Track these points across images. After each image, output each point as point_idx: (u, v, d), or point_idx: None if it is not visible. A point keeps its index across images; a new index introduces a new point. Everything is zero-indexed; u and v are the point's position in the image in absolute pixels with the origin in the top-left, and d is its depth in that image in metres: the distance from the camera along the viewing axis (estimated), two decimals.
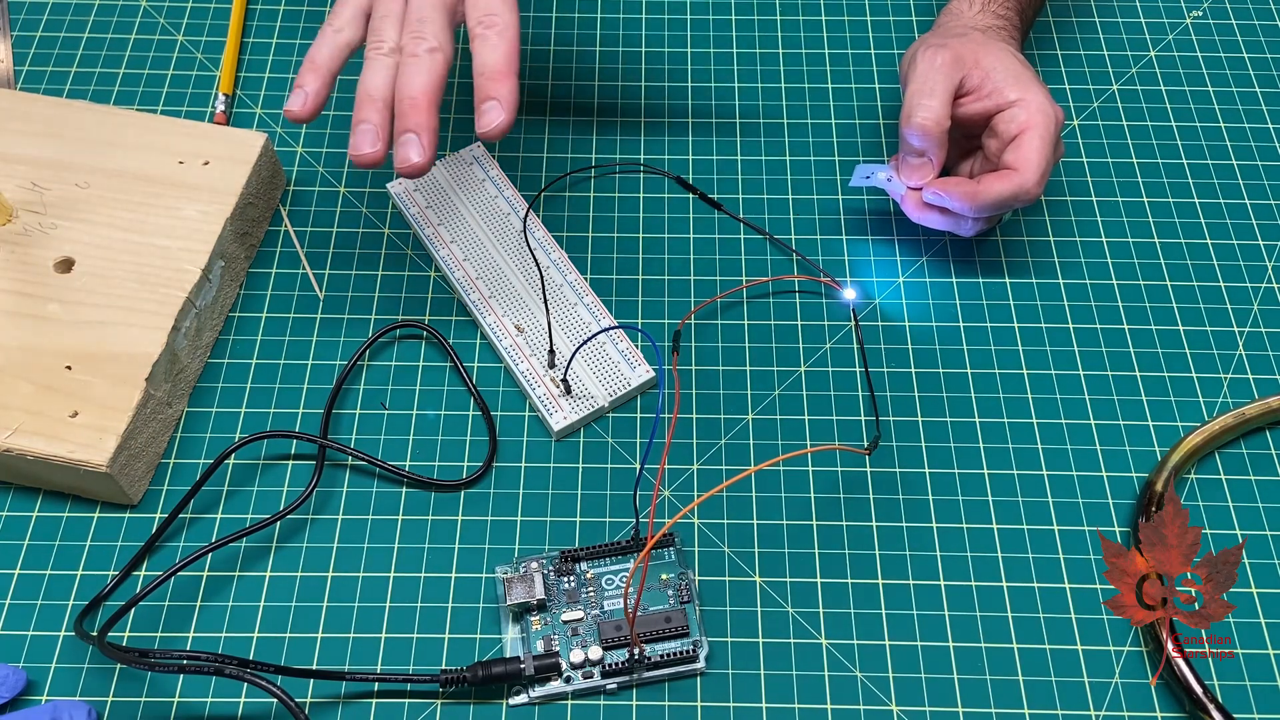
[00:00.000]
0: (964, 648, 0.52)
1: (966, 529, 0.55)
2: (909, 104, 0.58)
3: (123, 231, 0.58)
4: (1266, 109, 0.69)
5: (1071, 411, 0.58)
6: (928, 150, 0.58)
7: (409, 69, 0.52)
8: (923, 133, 0.57)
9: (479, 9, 0.53)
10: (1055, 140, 0.57)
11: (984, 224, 0.60)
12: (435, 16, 0.53)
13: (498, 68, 0.51)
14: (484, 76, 0.51)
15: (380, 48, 0.53)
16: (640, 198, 0.65)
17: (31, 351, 0.55)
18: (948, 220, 0.59)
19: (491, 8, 0.53)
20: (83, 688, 0.51)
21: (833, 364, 0.59)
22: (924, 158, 0.58)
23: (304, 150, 0.67)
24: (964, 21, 0.62)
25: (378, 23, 0.54)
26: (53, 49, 0.70)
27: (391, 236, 0.64)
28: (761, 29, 0.72)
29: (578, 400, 0.57)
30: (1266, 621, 0.52)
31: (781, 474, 0.56)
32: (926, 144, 0.57)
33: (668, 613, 0.51)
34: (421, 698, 0.51)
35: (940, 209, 0.59)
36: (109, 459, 0.52)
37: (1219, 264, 0.63)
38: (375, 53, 0.53)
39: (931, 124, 0.57)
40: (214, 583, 0.53)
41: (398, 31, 0.53)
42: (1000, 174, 0.56)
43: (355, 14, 0.54)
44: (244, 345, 0.60)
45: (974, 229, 0.59)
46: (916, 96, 0.57)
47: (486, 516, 0.55)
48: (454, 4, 0.54)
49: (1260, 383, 0.59)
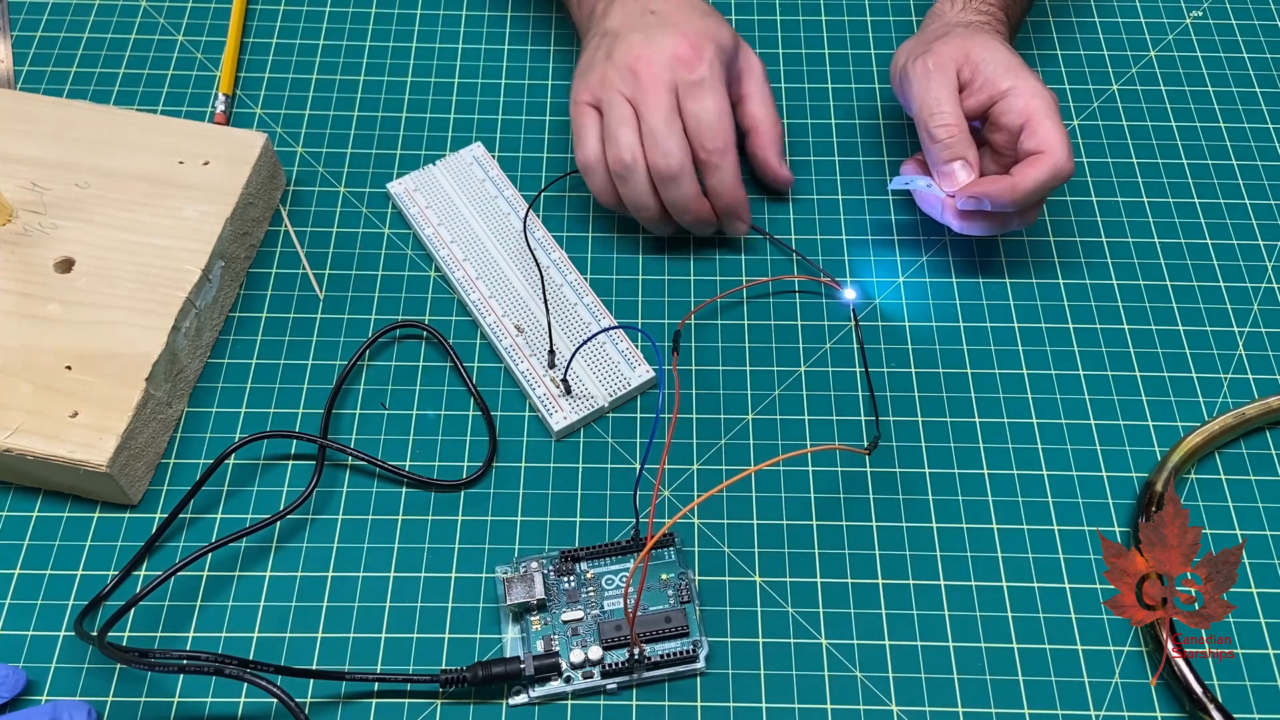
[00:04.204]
0: (964, 648, 0.52)
1: (966, 529, 0.55)
2: (920, 120, 0.58)
3: (123, 231, 0.58)
4: (1266, 109, 0.69)
5: (1071, 411, 0.58)
6: (959, 154, 0.57)
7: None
8: (948, 138, 0.57)
9: (701, 140, 0.58)
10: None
11: (1028, 218, 0.59)
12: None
13: (736, 197, 0.59)
14: (721, 201, 0.59)
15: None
16: None
17: (31, 351, 0.55)
18: (991, 223, 0.58)
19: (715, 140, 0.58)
20: (83, 688, 0.51)
21: (833, 364, 0.59)
22: (958, 160, 0.58)
23: (304, 150, 0.67)
24: (946, 20, 0.62)
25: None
26: (53, 49, 0.70)
27: (391, 236, 0.64)
28: (761, 29, 0.72)
29: (578, 400, 0.57)
30: (1266, 621, 0.52)
31: (781, 474, 0.56)
32: (955, 149, 0.57)
33: (668, 613, 0.51)
34: (421, 698, 0.51)
35: (982, 215, 0.58)
36: (109, 459, 0.52)
37: (1219, 264, 0.63)
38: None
39: (954, 128, 0.57)
40: (214, 583, 0.53)
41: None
42: (1030, 161, 0.56)
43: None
44: (244, 345, 0.60)
45: (1021, 223, 0.59)
46: (924, 110, 0.58)
47: (486, 516, 0.55)
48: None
49: (1260, 383, 0.59)
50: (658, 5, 0.59)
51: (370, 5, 0.73)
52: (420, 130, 0.67)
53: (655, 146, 0.57)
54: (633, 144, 0.57)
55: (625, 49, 0.58)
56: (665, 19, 0.58)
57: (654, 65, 0.57)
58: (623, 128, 0.58)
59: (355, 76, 0.70)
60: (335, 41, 0.71)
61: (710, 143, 0.57)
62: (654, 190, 0.58)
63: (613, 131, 0.58)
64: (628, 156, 0.57)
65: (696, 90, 0.57)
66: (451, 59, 0.70)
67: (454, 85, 0.69)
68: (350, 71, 0.70)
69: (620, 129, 0.58)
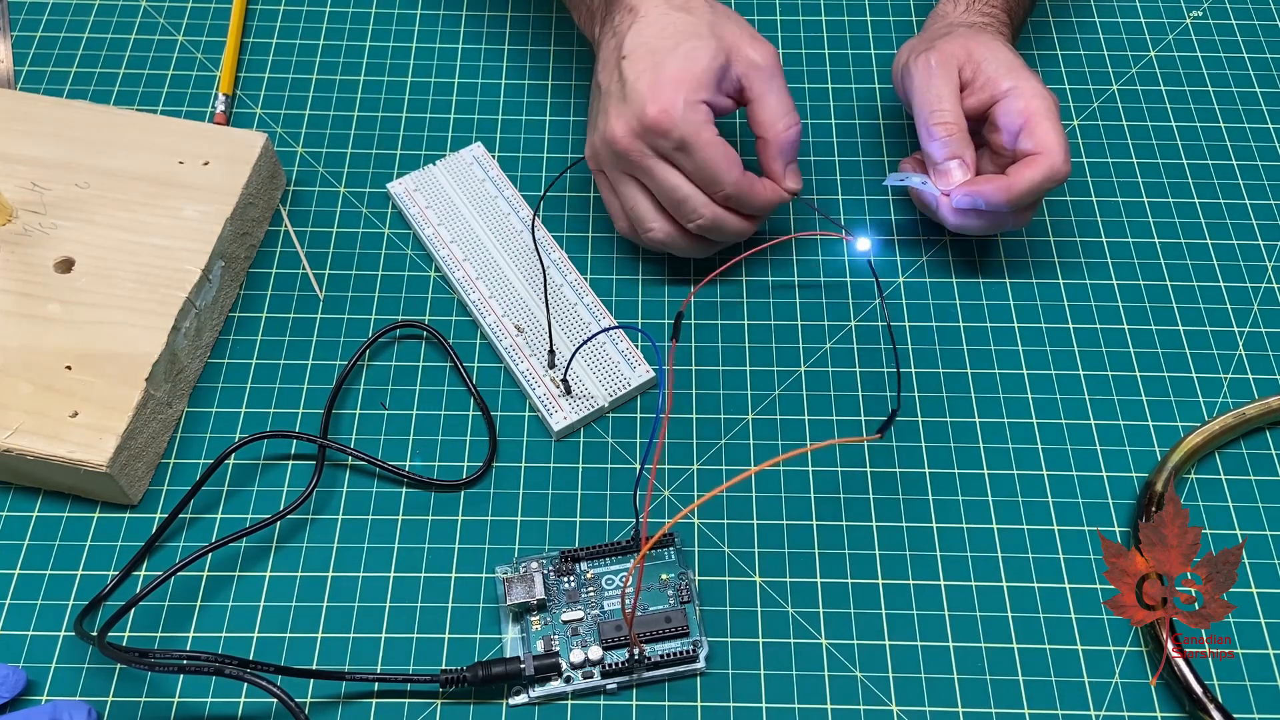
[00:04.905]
0: (964, 648, 0.52)
1: (966, 529, 0.55)
2: (921, 116, 0.58)
3: (123, 232, 0.58)
4: (1266, 109, 0.69)
5: (1071, 411, 0.58)
6: (956, 153, 0.57)
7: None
8: (947, 136, 0.57)
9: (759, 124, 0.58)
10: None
11: (1023, 218, 0.59)
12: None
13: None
14: (761, 213, 0.59)
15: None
16: None
17: (31, 351, 0.55)
18: (986, 222, 0.58)
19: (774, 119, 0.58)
20: (83, 688, 0.51)
21: (833, 364, 0.59)
22: (955, 159, 0.58)
23: (304, 150, 0.67)
24: (949, 21, 0.62)
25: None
26: (53, 49, 0.70)
27: (391, 236, 0.64)
28: (761, 29, 0.72)
29: (578, 400, 0.57)
30: (1266, 621, 0.52)
31: (781, 474, 0.56)
32: (952, 148, 0.57)
33: (668, 613, 0.51)
34: (421, 698, 0.51)
35: (976, 213, 0.58)
36: (109, 459, 0.52)
37: (1219, 264, 0.63)
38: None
39: (953, 126, 0.57)
40: (214, 583, 0.53)
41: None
42: (1026, 161, 0.56)
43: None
44: (244, 345, 0.60)
45: (1016, 223, 0.59)
46: (925, 107, 0.58)
47: (486, 516, 0.55)
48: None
49: (1260, 383, 0.59)
50: (628, 47, 0.56)
51: (370, 5, 0.73)
52: (420, 130, 0.67)
53: (678, 213, 0.57)
54: (653, 216, 0.58)
55: (604, 121, 0.56)
56: (635, 70, 0.55)
57: (632, 139, 0.55)
58: (638, 206, 0.58)
59: (355, 76, 0.70)
60: (335, 41, 0.71)
61: (720, 190, 0.56)
62: (698, 236, 0.58)
63: (631, 210, 0.58)
64: (658, 232, 0.58)
65: (681, 154, 0.55)
66: (451, 59, 0.70)
67: (454, 85, 0.69)
68: (350, 71, 0.70)
69: (637, 208, 0.58)
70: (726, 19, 0.57)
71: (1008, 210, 0.57)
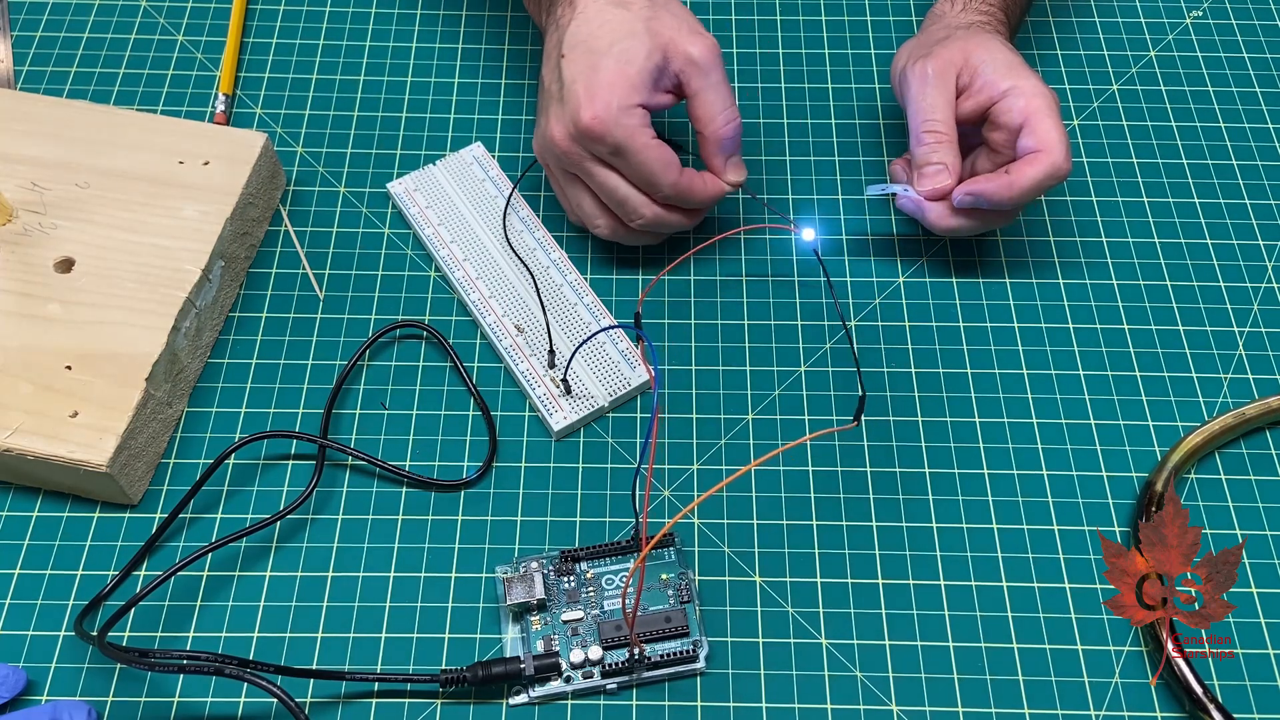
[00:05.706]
0: (964, 648, 0.52)
1: (966, 529, 0.55)
2: (914, 122, 0.58)
3: (123, 231, 0.58)
4: (1266, 109, 0.69)
5: (1071, 411, 0.58)
6: (944, 159, 0.57)
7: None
8: (935, 143, 0.57)
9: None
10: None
11: (1009, 216, 0.59)
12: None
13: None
14: (704, 206, 0.60)
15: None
16: None
17: (31, 351, 0.55)
18: (976, 222, 0.58)
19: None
20: (83, 688, 0.51)
21: (833, 364, 0.59)
22: (939, 165, 0.58)
23: (304, 150, 0.67)
24: (947, 22, 0.62)
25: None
26: (53, 49, 0.70)
27: (391, 236, 0.64)
28: (761, 29, 0.72)
29: (578, 400, 0.57)
30: (1266, 621, 0.52)
31: (781, 474, 0.56)
32: (940, 154, 0.57)
33: (668, 613, 0.51)
34: (421, 698, 0.51)
35: (968, 213, 0.58)
36: (109, 459, 0.52)
37: (1219, 264, 0.63)
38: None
39: (943, 135, 0.57)
40: (214, 583, 0.53)
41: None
42: (1028, 159, 0.56)
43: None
44: (244, 345, 0.60)
45: (1001, 223, 0.59)
46: (919, 115, 0.58)
47: (486, 516, 0.55)
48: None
49: (1260, 383, 0.59)
50: (567, 44, 0.55)
51: (370, 5, 0.73)
52: (420, 130, 0.67)
53: (620, 212, 0.58)
54: (597, 213, 0.59)
55: (545, 121, 0.57)
56: (571, 72, 0.55)
57: (570, 143, 0.56)
58: (583, 203, 0.59)
59: (355, 76, 0.70)
60: (335, 41, 0.71)
61: (659, 192, 0.57)
62: (643, 230, 0.59)
63: (577, 207, 0.60)
64: (603, 228, 0.59)
65: (617, 159, 0.55)
66: (451, 59, 0.70)
67: (454, 85, 0.69)
68: (350, 71, 0.70)
69: (582, 205, 0.59)
70: (665, 12, 0.56)
71: (1009, 208, 0.57)
